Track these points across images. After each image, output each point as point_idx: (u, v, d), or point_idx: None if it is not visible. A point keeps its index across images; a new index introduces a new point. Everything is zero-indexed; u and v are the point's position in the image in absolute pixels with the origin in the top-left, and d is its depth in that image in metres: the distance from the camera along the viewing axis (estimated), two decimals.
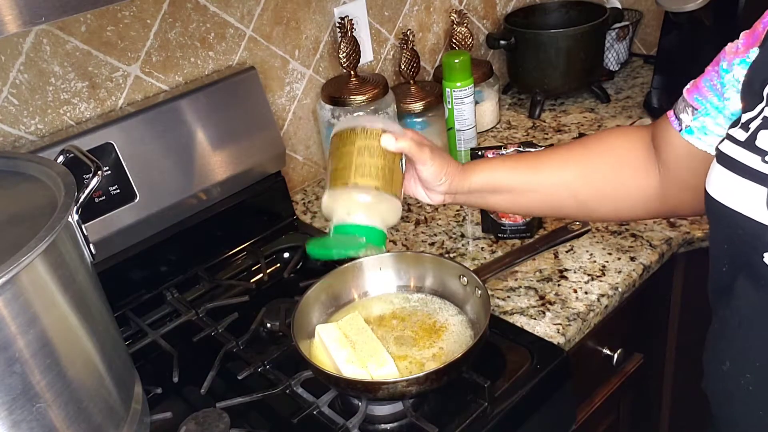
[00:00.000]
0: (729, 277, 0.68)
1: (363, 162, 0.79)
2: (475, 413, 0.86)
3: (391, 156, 0.81)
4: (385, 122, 0.82)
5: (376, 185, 0.79)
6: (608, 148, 0.88)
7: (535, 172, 0.89)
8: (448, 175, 0.85)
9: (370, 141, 0.80)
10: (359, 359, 0.86)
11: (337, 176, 0.80)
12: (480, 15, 1.68)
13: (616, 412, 1.26)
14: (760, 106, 0.64)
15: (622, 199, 0.87)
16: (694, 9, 1.29)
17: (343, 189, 0.79)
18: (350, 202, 0.79)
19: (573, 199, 0.88)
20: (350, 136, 0.81)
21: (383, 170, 0.79)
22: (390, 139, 0.80)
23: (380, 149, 0.80)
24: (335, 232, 0.80)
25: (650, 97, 1.53)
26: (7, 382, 0.64)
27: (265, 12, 1.27)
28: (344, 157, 0.80)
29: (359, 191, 0.79)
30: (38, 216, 0.68)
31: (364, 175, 0.79)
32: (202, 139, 1.14)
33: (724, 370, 0.70)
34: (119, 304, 1.09)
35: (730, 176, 0.64)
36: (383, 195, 0.79)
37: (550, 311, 1.02)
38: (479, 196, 0.90)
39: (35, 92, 1.04)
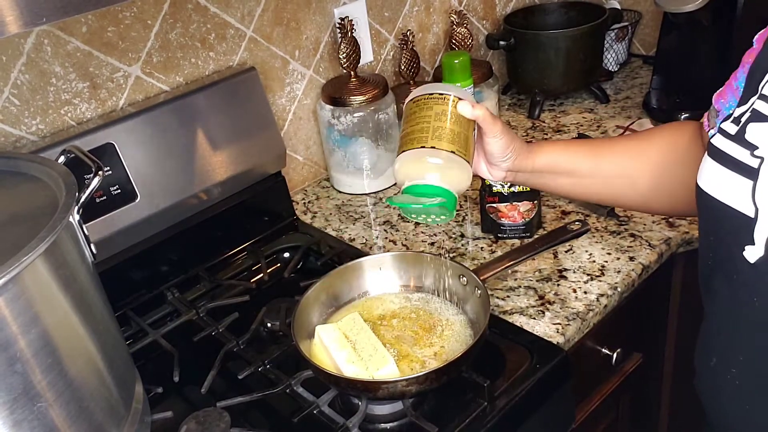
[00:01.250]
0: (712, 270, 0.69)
1: (440, 126, 0.79)
2: (475, 413, 0.87)
3: (466, 124, 0.81)
4: (460, 91, 0.83)
5: (452, 149, 0.79)
6: (667, 143, 0.88)
7: (598, 158, 0.89)
8: (514, 152, 0.85)
9: (447, 107, 0.81)
10: (359, 359, 0.87)
11: (413, 138, 0.80)
12: (479, 16, 1.68)
13: (615, 411, 1.26)
14: (752, 99, 0.65)
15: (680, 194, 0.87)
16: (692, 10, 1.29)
17: (420, 150, 0.79)
18: (425, 163, 0.79)
19: (632, 189, 0.89)
20: (427, 102, 0.81)
21: (459, 136, 0.80)
22: (467, 106, 0.81)
23: (457, 116, 0.81)
24: (407, 191, 0.80)
25: (649, 97, 1.54)
26: (9, 382, 0.64)
27: (266, 13, 1.27)
28: (421, 120, 0.80)
29: (435, 153, 0.79)
30: (39, 216, 0.69)
31: (441, 139, 0.79)
32: (202, 139, 1.14)
33: (711, 366, 0.71)
34: (120, 304, 1.09)
35: (719, 169, 0.65)
36: (458, 160, 0.79)
37: (549, 311, 1.03)
38: (541, 177, 0.90)
39: (36, 93, 1.04)
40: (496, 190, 1.15)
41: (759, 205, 0.60)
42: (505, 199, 1.15)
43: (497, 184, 1.15)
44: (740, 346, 0.67)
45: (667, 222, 1.18)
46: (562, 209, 1.25)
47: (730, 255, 0.64)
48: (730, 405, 0.70)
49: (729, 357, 0.69)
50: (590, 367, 1.14)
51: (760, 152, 0.61)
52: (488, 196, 1.16)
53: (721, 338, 0.70)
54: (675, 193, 0.87)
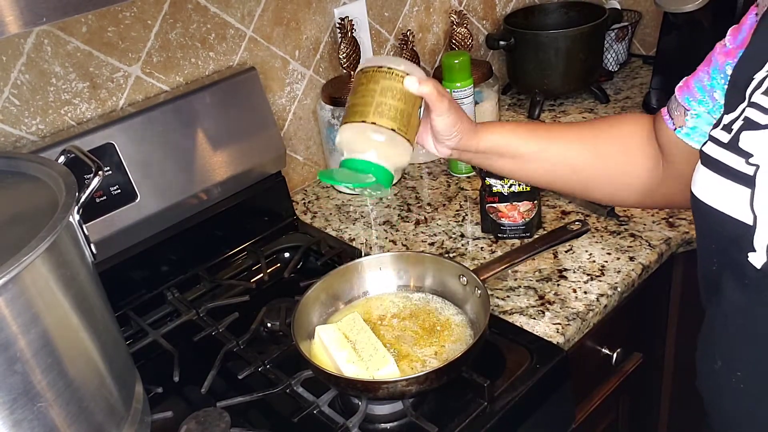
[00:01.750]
0: (716, 276, 0.68)
1: (384, 102, 0.79)
2: (475, 412, 0.87)
3: (412, 101, 0.81)
4: (409, 66, 0.82)
5: (393, 126, 0.79)
6: (617, 133, 0.89)
7: (545, 143, 0.90)
8: (460, 131, 0.85)
9: (393, 83, 0.80)
10: (360, 359, 0.87)
11: (355, 111, 0.80)
12: (479, 16, 1.68)
13: (615, 411, 1.26)
14: (742, 107, 0.65)
15: (621, 184, 0.89)
16: (692, 10, 1.29)
17: (360, 125, 0.79)
18: (365, 138, 0.79)
19: (575, 175, 0.90)
20: (375, 75, 0.81)
21: (402, 113, 0.80)
22: (413, 82, 0.80)
23: (402, 92, 0.80)
24: (344, 165, 0.81)
25: (649, 97, 1.54)
26: (9, 382, 0.64)
27: (266, 13, 1.27)
28: (367, 94, 0.80)
29: (375, 130, 0.79)
30: (39, 216, 0.69)
31: (382, 115, 0.79)
32: (202, 139, 1.14)
33: (715, 369, 0.71)
34: (120, 304, 1.09)
35: (714, 178, 0.64)
36: (398, 138, 0.79)
37: (549, 311, 1.03)
38: (485, 158, 0.91)
39: (36, 93, 1.04)
40: (496, 190, 1.15)
41: (757, 212, 0.60)
42: (505, 199, 1.15)
43: (497, 184, 1.15)
44: (748, 349, 0.67)
45: (667, 222, 1.18)
46: (562, 209, 1.25)
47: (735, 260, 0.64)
48: (734, 407, 0.70)
49: (735, 360, 0.68)
50: (590, 367, 1.14)
51: (755, 160, 0.61)
52: (488, 196, 1.16)
53: (728, 341, 0.69)
54: (619, 182, 0.89)
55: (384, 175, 0.80)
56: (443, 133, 0.85)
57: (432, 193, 1.37)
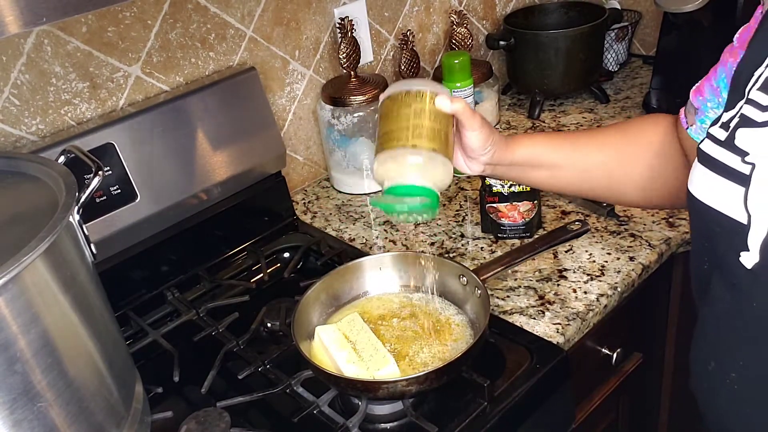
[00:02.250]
0: (707, 276, 0.69)
1: (419, 124, 0.78)
2: (475, 412, 0.87)
3: (445, 120, 0.80)
4: (436, 86, 0.82)
5: (432, 147, 0.78)
6: (641, 134, 0.89)
7: (574, 151, 0.90)
8: (493, 145, 0.85)
9: (425, 104, 0.79)
10: (360, 359, 0.87)
11: (392, 137, 0.79)
12: (479, 16, 1.68)
13: (615, 411, 1.26)
14: (740, 104, 0.65)
15: (653, 187, 0.88)
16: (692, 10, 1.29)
17: (399, 150, 0.78)
18: (405, 163, 0.78)
19: (607, 180, 0.90)
20: (405, 99, 0.80)
21: (439, 133, 0.79)
22: (446, 101, 0.80)
23: (435, 112, 0.79)
24: (389, 192, 0.79)
25: (649, 97, 1.54)
26: (9, 382, 0.64)
27: (266, 13, 1.27)
28: (400, 118, 0.79)
29: (415, 152, 0.77)
30: (39, 216, 0.69)
31: (421, 137, 0.77)
32: (202, 139, 1.14)
33: (709, 370, 0.71)
34: (120, 304, 1.09)
35: (710, 175, 0.64)
36: (439, 157, 0.78)
37: (549, 311, 1.03)
38: (520, 170, 0.90)
39: (36, 93, 1.04)
40: (496, 190, 1.15)
41: (751, 211, 0.60)
42: (505, 199, 1.15)
43: (497, 184, 1.15)
44: (740, 351, 0.67)
45: (667, 222, 1.18)
46: (562, 209, 1.25)
47: (726, 260, 0.64)
48: (728, 408, 0.70)
49: (728, 361, 0.68)
50: (590, 367, 1.14)
51: (750, 158, 0.61)
52: (488, 196, 1.16)
53: (720, 342, 0.69)
54: (650, 184, 0.88)
55: (431, 196, 0.78)
56: (477, 149, 0.85)
57: None
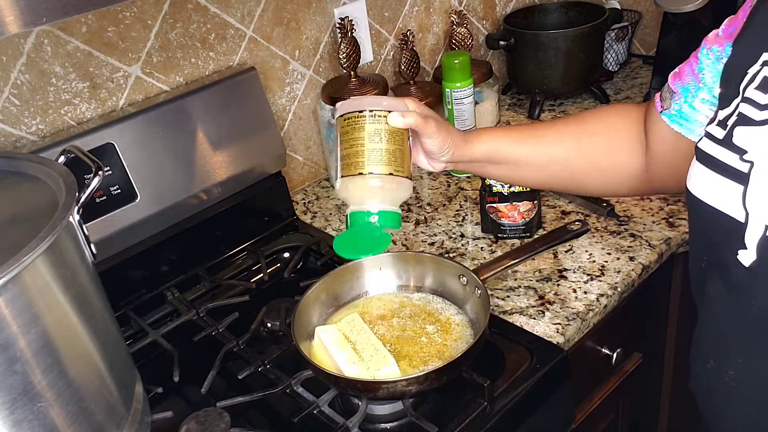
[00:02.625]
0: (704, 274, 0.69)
1: (374, 148, 0.80)
2: (475, 413, 0.87)
3: (400, 136, 0.82)
4: (388, 100, 0.83)
5: (389, 171, 0.80)
6: (604, 125, 0.90)
7: (531, 145, 0.91)
8: (452, 146, 0.87)
9: (378, 125, 0.81)
10: (360, 360, 0.87)
11: (349, 164, 0.81)
12: (479, 16, 1.68)
13: (615, 411, 1.26)
14: (736, 102, 0.65)
15: (611, 175, 0.90)
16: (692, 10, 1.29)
17: (357, 177, 0.81)
18: (365, 189, 0.81)
19: (566, 172, 0.91)
20: (358, 120, 0.81)
21: (394, 154, 0.81)
22: (397, 118, 0.81)
23: (389, 131, 0.81)
24: (351, 218, 0.83)
25: (649, 97, 1.54)
26: (9, 382, 0.64)
27: (266, 13, 1.27)
28: (355, 143, 0.81)
29: (373, 179, 0.80)
30: (39, 216, 0.69)
31: (377, 163, 0.80)
32: (202, 139, 1.14)
33: (708, 368, 0.71)
34: (120, 304, 1.09)
35: (709, 174, 0.65)
36: (396, 179, 0.81)
37: (549, 311, 1.03)
38: (479, 166, 0.93)
39: (36, 93, 1.04)
40: (496, 190, 1.15)
41: (749, 209, 0.60)
42: (505, 199, 1.15)
43: (497, 184, 1.15)
44: (738, 349, 0.67)
45: (667, 222, 1.18)
46: (562, 209, 1.25)
47: (724, 259, 0.64)
48: (728, 408, 0.70)
49: (727, 360, 0.68)
50: (590, 367, 1.14)
51: (749, 156, 0.61)
52: (488, 196, 1.16)
53: (719, 341, 0.69)
54: (609, 173, 0.90)
55: (392, 218, 0.82)
56: (436, 151, 0.87)
57: (432, 193, 1.37)
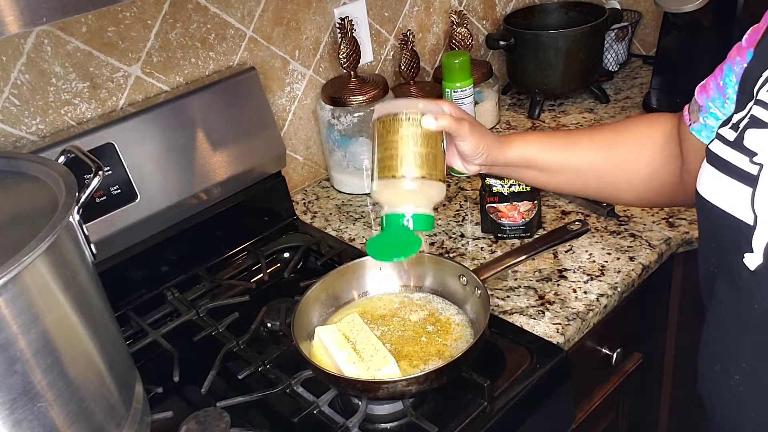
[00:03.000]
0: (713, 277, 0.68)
1: (409, 152, 0.81)
2: (475, 413, 0.87)
3: (434, 139, 0.82)
4: (424, 103, 0.84)
5: (422, 174, 0.81)
6: (639, 134, 0.89)
7: (567, 151, 0.91)
8: (486, 149, 0.87)
9: (413, 128, 0.81)
10: (360, 360, 0.87)
11: (384, 166, 0.82)
12: (479, 16, 1.68)
13: (615, 411, 1.26)
14: (749, 105, 0.65)
15: (647, 186, 0.89)
16: (692, 10, 1.29)
17: (391, 180, 0.81)
18: (399, 191, 0.81)
19: (598, 181, 0.90)
20: (393, 124, 0.82)
21: (428, 157, 0.81)
22: (431, 121, 0.81)
23: (424, 136, 0.81)
24: (386, 219, 0.83)
25: (649, 97, 1.54)
26: (9, 382, 0.64)
27: (266, 13, 1.27)
28: (390, 147, 0.81)
29: (407, 181, 0.81)
30: (39, 216, 0.69)
31: (411, 166, 0.80)
32: (202, 139, 1.14)
33: (715, 372, 0.70)
34: (120, 304, 1.09)
35: (718, 176, 0.64)
36: (428, 182, 0.82)
37: (549, 311, 1.03)
38: (514, 170, 0.92)
39: (36, 93, 1.04)
40: (496, 190, 1.15)
41: (758, 212, 0.60)
42: (505, 199, 1.15)
43: (497, 184, 1.15)
44: (743, 353, 0.67)
45: (667, 222, 1.18)
46: (562, 209, 1.25)
47: (730, 261, 0.64)
48: (735, 411, 0.70)
49: (732, 363, 0.68)
50: (590, 367, 1.14)
51: (759, 159, 0.61)
52: (488, 196, 1.16)
53: (724, 344, 0.69)
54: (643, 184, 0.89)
55: (425, 221, 0.83)
56: (470, 154, 0.86)
57: None
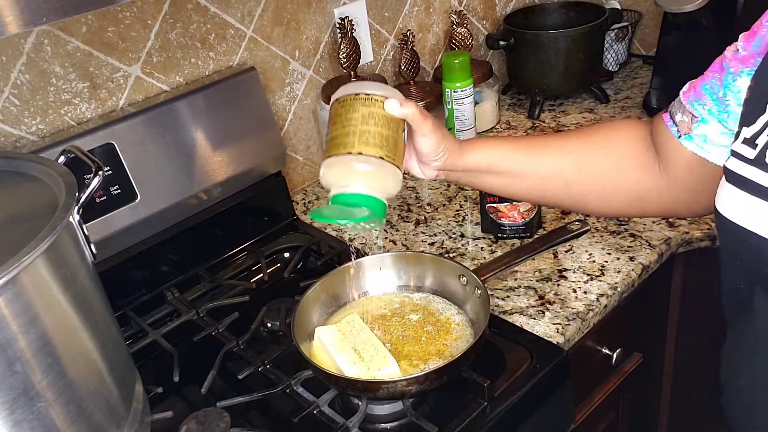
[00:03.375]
0: (746, 293, 0.66)
1: (367, 130, 0.75)
2: (475, 413, 0.87)
3: (395, 125, 0.77)
4: (387, 89, 0.79)
5: (380, 154, 0.75)
6: (609, 141, 0.85)
7: (531, 157, 0.86)
8: (445, 151, 0.82)
9: (374, 108, 0.76)
10: (360, 360, 0.87)
11: (338, 143, 0.76)
12: (479, 16, 1.68)
13: (615, 411, 1.26)
14: (763, 120, 0.62)
15: (617, 195, 0.85)
16: (693, 10, 1.29)
17: (345, 157, 0.75)
18: (351, 170, 0.75)
19: (566, 189, 0.86)
20: (353, 103, 0.77)
21: (387, 139, 0.76)
22: (395, 105, 0.76)
23: (385, 117, 0.76)
24: (334, 201, 0.76)
25: (649, 97, 1.54)
26: (9, 382, 0.64)
27: (266, 13, 1.27)
28: (347, 124, 0.76)
29: (362, 160, 0.74)
30: (39, 216, 0.69)
31: (368, 144, 0.74)
32: (202, 139, 1.14)
33: (741, 386, 0.69)
34: (120, 304, 1.09)
35: (741, 195, 0.62)
36: (387, 165, 0.75)
37: (549, 311, 1.03)
38: (473, 176, 0.87)
39: (36, 93, 1.04)
40: None
41: None
42: (505, 199, 1.15)
43: None
44: None
45: (667, 222, 1.18)
46: (562, 209, 1.25)
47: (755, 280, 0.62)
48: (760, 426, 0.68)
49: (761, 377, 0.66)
50: (590, 367, 1.14)
51: None
52: (488, 196, 1.16)
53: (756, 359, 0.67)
54: (614, 192, 0.85)
55: (377, 207, 0.76)
56: (429, 154, 0.82)
57: (432, 193, 1.37)
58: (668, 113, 0.79)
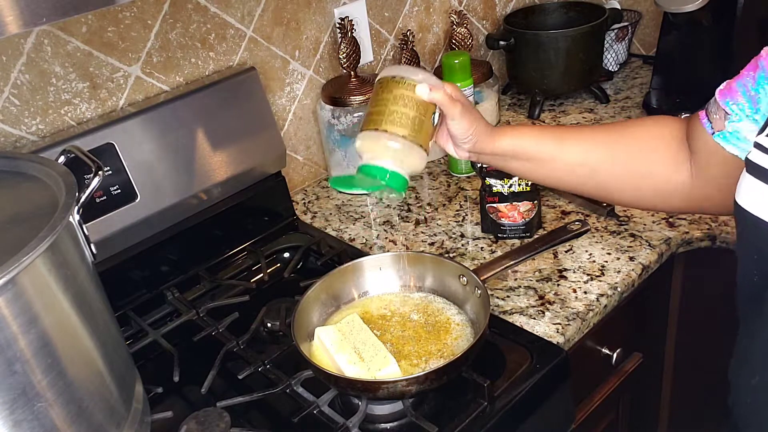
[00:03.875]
0: (760, 288, 0.66)
1: (396, 110, 0.83)
2: (475, 412, 0.87)
3: (424, 107, 0.84)
4: (425, 75, 0.85)
5: (403, 134, 0.82)
6: (640, 135, 0.87)
7: (561, 146, 0.89)
8: (475, 134, 0.87)
9: (406, 91, 0.83)
10: (361, 360, 0.87)
11: (370, 120, 0.84)
12: (479, 16, 1.68)
13: (615, 411, 1.26)
14: None
15: (645, 188, 0.87)
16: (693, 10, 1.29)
17: (374, 132, 0.83)
18: (378, 145, 0.83)
19: (592, 179, 0.89)
20: (389, 84, 0.84)
21: (413, 120, 0.83)
22: (424, 89, 0.82)
23: (415, 100, 0.83)
24: (360, 171, 0.84)
25: (649, 97, 1.54)
26: (8, 382, 0.64)
27: (266, 13, 1.27)
28: (381, 103, 0.84)
29: (388, 137, 0.82)
30: (39, 216, 0.69)
31: (394, 123, 0.82)
32: (202, 139, 1.14)
33: (753, 384, 0.69)
34: (120, 304, 1.09)
35: (761, 186, 0.62)
36: (409, 144, 0.83)
37: (549, 311, 1.03)
38: (502, 160, 0.91)
39: (36, 93, 1.04)
40: (496, 190, 1.15)
41: None
42: (505, 199, 1.15)
43: (497, 184, 1.15)
44: None
45: (667, 222, 1.18)
46: (562, 209, 1.25)
47: None
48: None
49: None
50: (590, 367, 1.14)
51: None
52: (488, 196, 1.16)
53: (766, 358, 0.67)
54: (642, 186, 0.87)
55: (398, 181, 0.83)
56: (459, 136, 0.87)
57: (432, 193, 1.37)
58: (705, 110, 0.79)
